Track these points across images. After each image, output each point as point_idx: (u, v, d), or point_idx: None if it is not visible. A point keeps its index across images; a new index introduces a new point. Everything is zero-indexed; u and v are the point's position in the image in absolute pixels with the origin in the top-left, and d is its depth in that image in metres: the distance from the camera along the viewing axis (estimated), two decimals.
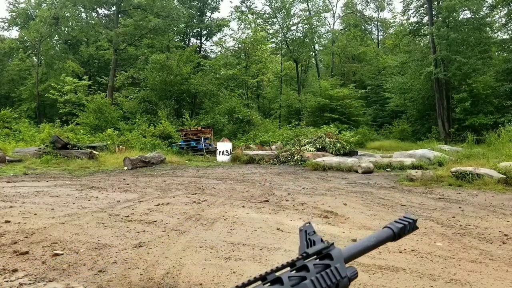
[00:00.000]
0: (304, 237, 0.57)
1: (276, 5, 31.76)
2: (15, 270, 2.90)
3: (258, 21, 32.20)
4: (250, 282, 0.47)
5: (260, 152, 13.60)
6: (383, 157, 12.90)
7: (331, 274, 0.51)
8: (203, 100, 26.79)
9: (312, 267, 0.51)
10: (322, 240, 0.56)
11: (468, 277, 2.78)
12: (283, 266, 0.51)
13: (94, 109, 19.94)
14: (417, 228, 0.69)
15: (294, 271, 0.51)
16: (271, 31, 32.63)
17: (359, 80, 33.70)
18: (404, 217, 0.67)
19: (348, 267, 0.55)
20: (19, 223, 4.30)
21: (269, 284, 0.47)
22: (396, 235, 0.63)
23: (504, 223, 4.41)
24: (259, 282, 0.47)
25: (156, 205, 5.39)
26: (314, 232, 0.58)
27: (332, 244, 0.56)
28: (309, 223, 0.60)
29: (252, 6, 33.61)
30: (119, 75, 26.65)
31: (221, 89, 26.07)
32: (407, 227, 0.65)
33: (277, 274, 0.49)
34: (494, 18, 23.62)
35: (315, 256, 0.54)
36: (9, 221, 4.35)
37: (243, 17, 31.88)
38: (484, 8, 22.54)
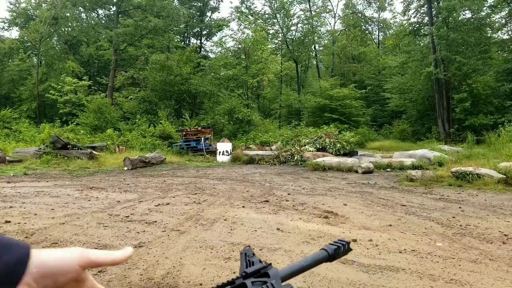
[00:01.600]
0: (244, 259, 0.61)
1: (275, 5, 31.78)
2: None
3: (258, 21, 32.23)
4: None
5: (260, 152, 13.60)
6: (383, 157, 12.91)
7: None
8: (203, 101, 26.79)
9: (250, 285, 0.55)
10: (260, 261, 0.61)
11: (468, 277, 2.78)
12: (224, 285, 0.54)
13: (94, 109, 19.95)
14: (351, 250, 0.74)
15: None
16: (271, 31, 32.66)
17: (359, 81, 33.72)
18: (338, 240, 0.72)
19: (284, 285, 0.60)
20: (19, 223, 4.30)
21: None
22: (330, 256, 0.68)
23: (504, 223, 4.41)
24: None
25: (156, 205, 5.39)
26: (253, 254, 0.62)
27: (270, 264, 0.60)
28: (249, 246, 0.66)
29: (252, 7, 33.65)
30: (119, 75, 26.65)
31: (221, 89, 26.08)
32: (341, 249, 0.70)
33: None
34: (494, 18, 23.64)
35: (254, 275, 0.58)
36: (9, 221, 4.35)
37: (243, 17, 31.92)
38: (485, 8, 22.55)
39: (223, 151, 13.52)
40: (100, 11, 31.78)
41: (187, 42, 35.29)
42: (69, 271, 0.46)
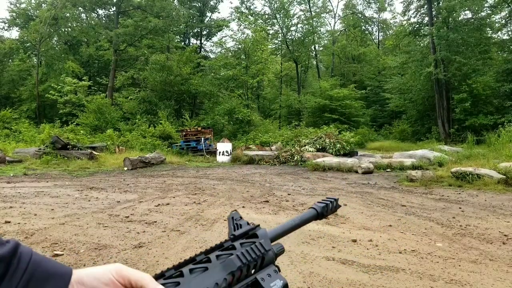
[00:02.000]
0: (232, 223, 0.62)
1: (275, 5, 31.80)
2: None
3: (258, 21, 32.27)
4: (181, 265, 0.51)
5: (260, 152, 13.60)
6: (383, 157, 12.91)
7: (256, 248, 0.56)
8: (203, 101, 26.80)
9: (238, 246, 0.56)
10: (248, 224, 0.61)
11: (468, 278, 2.78)
12: (213, 249, 0.55)
13: (94, 109, 19.96)
14: (340, 206, 0.74)
15: (223, 251, 0.55)
16: (271, 32, 32.68)
17: (359, 81, 33.75)
18: (326, 198, 0.73)
19: (274, 244, 0.60)
20: (19, 223, 4.30)
21: (199, 264, 0.51)
22: (319, 214, 0.69)
23: (504, 223, 4.41)
24: (190, 264, 0.51)
25: (156, 206, 5.39)
26: (241, 217, 0.62)
27: (258, 225, 0.60)
28: (236, 210, 0.66)
29: (252, 7, 33.69)
30: (119, 75, 26.66)
31: (221, 90, 26.09)
32: (330, 206, 0.71)
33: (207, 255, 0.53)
34: (494, 19, 23.64)
35: (242, 237, 0.58)
36: (9, 222, 4.35)
37: (243, 17, 31.96)
38: (485, 9, 22.57)
39: (223, 152, 13.53)
40: (100, 12, 31.82)
41: (187, 42, 35.31)
42: (107, 284, 0.49)
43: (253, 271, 0.54)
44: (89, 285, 0.49)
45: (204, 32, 35.46)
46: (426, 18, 24.00)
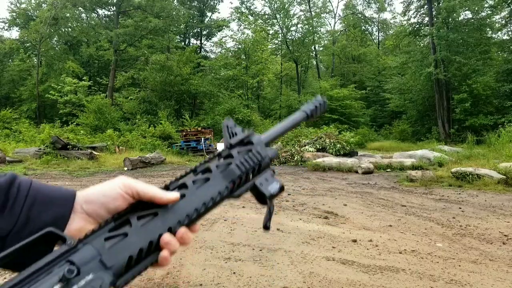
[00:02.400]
0: (227, 131, 0.63)
1: (275, 5, 31.81)
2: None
3: (258, 21, 32.28)
4: (182, 176, 0.53)
5: None
6: (383, 157, 12.90)
7: (253, 156, 0.58)
8: (203, 101, 26.80)
9: (236, 154, 0.58)
10: (243, 131, 0.63)
11: (468, 278, 2.78)
12: (211, 159, 0.57)
13: (94, 109, 19.95)
14: (328, 108, 0.77)
15: (222, 160, 0.57)
16: (271, 32, 32.68)
17: (359, 81, 33.74)
18: (315, 100, 0.74)
19: (269, 149, 0.62)
20: None
21: (200, 173, 0.54)
22: (309, 116, 0.71)
23: (504, 223, 4.41)
24: (191, 174, 0.54)
25: None
26: (235, 125, 0.64)
27: (252, 132, 0.63)
28: (229, 116, 0.68)
29: (252, 7, 33.70)
30: (119, 75, 26.65)
31: (221, 90, 26.10)
32: (318, 108, 0.73)
33: (206, 165, 0.55)
34: (494, 19, 23.65)
35: (239, 145, 0.60)
36: None
37: (243, 17, 31.97)
38: (485, 9, 22.58)
39: None
40: (100, 12, 31.83)
41: (187, 42, 35.31)
42: (115, 199, 0.49)
43: (251, 176, 0.57)
44: (98, 202, 0.49)
45: (204, 32, 35.47)
46: (426, 18, 24.00)
